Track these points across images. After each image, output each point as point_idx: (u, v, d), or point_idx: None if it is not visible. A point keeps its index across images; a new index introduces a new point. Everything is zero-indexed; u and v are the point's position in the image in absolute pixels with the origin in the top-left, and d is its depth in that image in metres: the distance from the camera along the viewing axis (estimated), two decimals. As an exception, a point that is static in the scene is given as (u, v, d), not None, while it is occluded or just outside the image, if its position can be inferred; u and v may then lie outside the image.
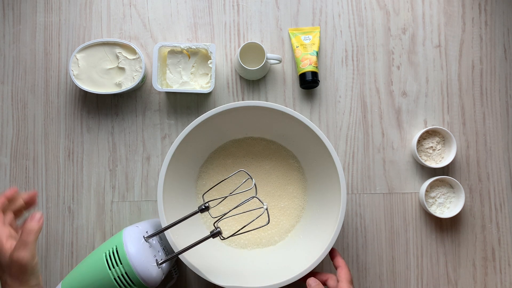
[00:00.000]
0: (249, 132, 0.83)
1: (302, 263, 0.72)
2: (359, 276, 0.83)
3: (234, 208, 0.66)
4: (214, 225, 0.64)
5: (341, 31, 0.87)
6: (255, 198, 0.65)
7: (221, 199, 0.69)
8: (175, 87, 0.83)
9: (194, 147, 0.78)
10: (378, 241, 0.84)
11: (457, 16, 0.88)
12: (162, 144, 0.85)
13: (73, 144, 0.85)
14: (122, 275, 0.62)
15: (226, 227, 0.81)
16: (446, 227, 0.84)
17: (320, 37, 0.87)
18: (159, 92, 0.86)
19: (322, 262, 0.77)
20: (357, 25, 0.87)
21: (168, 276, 0.81)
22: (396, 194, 0.85)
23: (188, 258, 0.71)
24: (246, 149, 0.84)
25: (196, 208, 0.81)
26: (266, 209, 0.64)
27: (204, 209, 0.64)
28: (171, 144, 0.75)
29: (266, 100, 0.86)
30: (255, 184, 0.65)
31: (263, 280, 0.71)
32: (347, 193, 0.85)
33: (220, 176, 0.82)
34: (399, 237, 0.84)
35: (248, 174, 0.67)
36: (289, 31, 0.87)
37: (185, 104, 0.86)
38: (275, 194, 0.83)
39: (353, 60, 0.87)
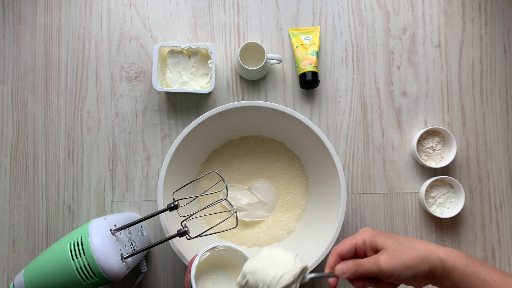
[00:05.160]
0: (249, 132, 0.83)
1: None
2: (359, 276, 0.83)
3: (202, 209, 0.67)
4: (181, 224, 0.64)
5: (341, 31, 0.87)
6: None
7: (191, 199, 0.69)
8: (175, 87, 0.83)
9: (194, 147, 0.78)
10: (378, 241, 0.84)
11: (457, 16, 0.88)
12: (162, 144, 0.85)
13: (73, 144, 0.85)
14: (84, 266, 0.62)
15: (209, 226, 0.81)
16: (446, 227, 0.84)
17: (320, 37, 0.87)
18: (159, 92, 0.86)
19: (322, 261, 0.77)
20: (357, 25, 0.87)
21: (137, 271, 0.82)
22: (396, 194, 0.85)
23: (186, 256, 0.71)
24: (246, 149, 0.84)
25: (196, 209, 0.81)
26: (235, 212, 0.65)
27: (172, 207, 0.64)
28: (171, 144, 0.75)
29: (266, 100, 0.86)
30: (226, 186, 0.66)
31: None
32: (347, 193, 0.85)
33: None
34: (399, 237, 0.84)
35: (220, 176, 0.68)
36: (289, 31, 0.87)
37: (185, 104, 0.86)
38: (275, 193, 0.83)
39: (353, 60, 0.87)
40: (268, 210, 0.82)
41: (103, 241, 0.63)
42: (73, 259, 0.63)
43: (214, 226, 0.67)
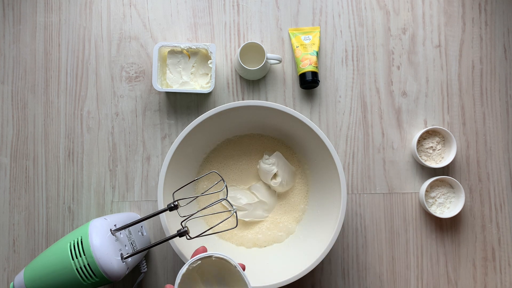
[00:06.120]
0: (249, 132, 0.83)
1: (302, 263, 0.72)
2: (359, 276, 0.83)
3: (203, 209, 0.67)
4: (181, 224, 0.64)
5: (341, 31, 0.87)
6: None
7: (191, 199, 0.69)
8: (175, 87, 0.83)
9: (194, 147, 0.78)
10: (378, 241, 0.84)
11: (457, 16, 0.88)
12: (162, 144, 0.85)
13: (73, 144, 0.85)
14: (84, 266, 0.62)
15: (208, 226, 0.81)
16: (446, 227, 0.84)
17: (320, 37, 0.87)
18: (159, 92, 0.86)
19: (322, 262, 0.77)
20: (357, 25, 0.87)
21: (137, 271, 0.82)
22: (396, 194, 0.85)
23: (187, 256, 0.71)
24: (246, 149, 0.84)
25: (196, 209, 0.81)
26: (235, 212, 0.65)
27: (173, 207, 0.64)
28: (171, 144, 0.75)
29: (266, 100, 0.86)
30: (226, 186, 0.65)
31: (263, 280, 0.71)
32: (347, 193, 0.85)
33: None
34: (399, 237, 0.84)
35: (220, 176, 0.67)
36: (289, 31, 0.87)
37: (185, 104, 0.86)
38: (275, 193, 0.83)
39: (353, 60, 0.87)
40: (267, 211, 0.82)
41: (103, 241, 0.63)
42: (73, 259, 0.63)
43: (214, 226, 0.67)
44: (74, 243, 0.64)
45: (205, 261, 0.59)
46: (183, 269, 0.57)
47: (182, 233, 0.64)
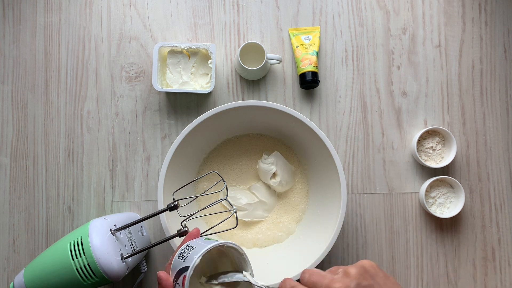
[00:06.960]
0: (249, 132, 0.83)
1: (302, 263, 0.72)
2: (359, 276, 0.83)
3: (203, 209, 0.67)
4: (181, 224, 0.64)
5: (341, 31, 0.87)
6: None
7: (191, 199, 0.69)
8: (175, 87, 0.83)
9: (194, 147, 0.78)
10: (378, 241, 0.84)
11: (457, 16, 0.88)
12: (162, 144, 0.85)
13: (73, 144, 0.85)
14: (84, 266, 0.62)
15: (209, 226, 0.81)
16: (446, 227, 0.84)
17: (320, 37, 0.87)
18: (159, 92, 0.86)
19: (322, 262, 0.77)
20: (357, 25, 0.87)
21: (137, 271, 0.82)
22: (396, 194, 0.85)
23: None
24: (246, 149, 0.84)
25: (195, 209, 0.81)
26: (235, 212, 0.65)
27: (173, 207, 0.64)
28: (171, 144, 0.75)
29: (266, 100, 0.86)
30: (226, 186, 0.65)
31: (263, 280, 0.71)
32: (347, 193, 0.85)
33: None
34: (399, 237, 0.84)
35: (220, 176, 0.67)
36: (289, 31, 0.87)
37: (185, 104, 0.86)
38: (275, 194, 0.83)
39: (353, 60, 0.87)
40: (267, 210, 0.82)
41: (103, 241, 0.63)
42: (73, 259, 0.63)
43: (214, 226, 0.67)
44: (74, 243, 0.64)
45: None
46: (204, 252, 0.53)
47: (182, 233, 0.64)
